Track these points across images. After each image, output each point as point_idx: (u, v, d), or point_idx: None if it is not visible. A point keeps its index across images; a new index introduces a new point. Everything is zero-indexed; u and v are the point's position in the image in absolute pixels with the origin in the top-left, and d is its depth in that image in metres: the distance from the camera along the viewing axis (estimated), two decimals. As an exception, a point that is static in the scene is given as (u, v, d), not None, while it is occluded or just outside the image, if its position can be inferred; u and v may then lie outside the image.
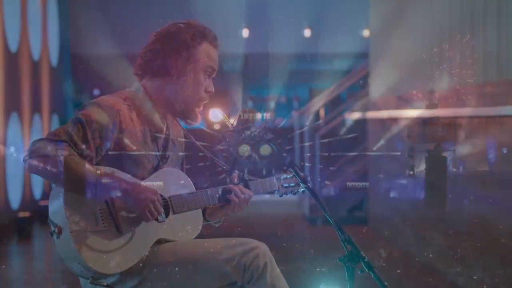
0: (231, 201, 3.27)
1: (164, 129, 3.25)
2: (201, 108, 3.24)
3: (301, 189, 3.39)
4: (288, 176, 3.46)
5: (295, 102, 14.49)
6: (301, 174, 3.03)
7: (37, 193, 11.40)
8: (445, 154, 5.83)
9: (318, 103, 11.50)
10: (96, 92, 13.65)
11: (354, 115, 10.41)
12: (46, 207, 3.09)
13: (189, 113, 3.22)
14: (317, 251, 6.91)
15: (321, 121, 11.06)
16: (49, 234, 3.03)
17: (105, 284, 3.04)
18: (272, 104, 14.17)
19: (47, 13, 12.32)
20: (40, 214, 10.25)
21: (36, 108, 11.43)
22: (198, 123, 3.25)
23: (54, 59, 12.78)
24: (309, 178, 3.02)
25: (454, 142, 6.11)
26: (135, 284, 3.08)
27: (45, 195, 11.53)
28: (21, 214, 9.55)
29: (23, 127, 10.65)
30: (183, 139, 3.34)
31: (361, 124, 9.99)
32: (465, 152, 6.18)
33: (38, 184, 11.42)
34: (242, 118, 3.06)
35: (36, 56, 11.52)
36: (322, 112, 11.51)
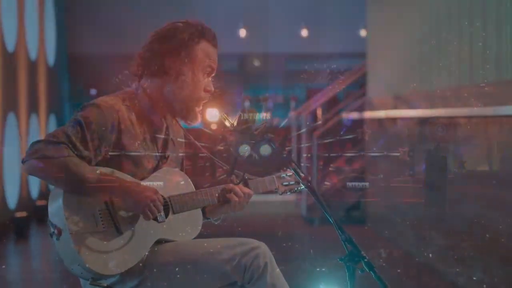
0: (231, 200, 3.27)
1: (164, 129, 3.24)
2: (201, 107, 3.23)
3: (301, 188, 3.39)
4: (287, 175, 3.46)
5: (292, 102, 14.48)
6: (301, 173, 3.03)
7: (34, 192, 11.40)
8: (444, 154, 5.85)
9: (315, 103, 11.50)
10: (93, 92, 13.65)
11: (352, 115, 10.42)
12: (43, 207, 3.09)
13: (188, 113, 3.21)
14: (315, 251, 6.91)
15: (319, 121, 11.07)
16: (46, 234, 3.02)
17: (105, 284, 3.03)
18: (269, 104, 14.17)
19: (44, 13, 12.32)
20: (37, 214, 10.27)
21: (33, 108, 11.42)
22: (198, 123, 3.25)
23: (51, 58, 12.78)
24: (309, 178, 3.01)
25: (454, 142, 6.12)
26: (135, 285, 3.07)
27: (42, 195, 11.55)
28: (18, 214, 9.54)
29: (20, 128, 10.64)
30: (183, 139, 3.33)
31: (358, 124, 9.99)
32: (465, 152, 6.19)
33: (35, 184, 11.42)
34: (242, 118, 3.05)
35: (33, 55, 11.51)
36: (319, 112, 11.53)
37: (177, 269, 3.07)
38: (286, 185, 3.46)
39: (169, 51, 3.15)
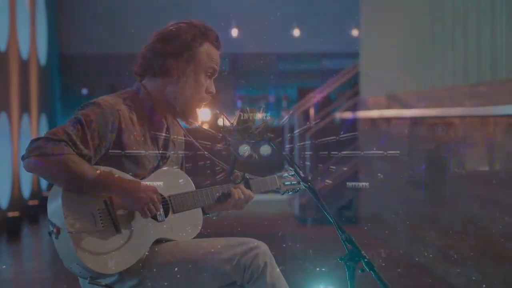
0: (230, 201, 3.26)
1: (164, 129, 3.24)
2: (202, 108, 3.23)
3: (303, 188, 3.38)
4: (289, 175, 3.45)
5: (284, 101, 14.49)
6: (301, 173, 3.02)
7: (26, 192, 11.38)
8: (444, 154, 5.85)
9: (308, 103, 11.51)
10: (84, 91, 13.63)
11: (345, 115, 10.43)
12: (35, 207, 3.08)
13: (189, 114, 3.21)
14: (309, 251, 6.91)
15: (316, 121, 11.07)
16: (38, 233, 3.02)
17: (103, 284, 3.02)
18: (262, 104, 14.17)
19: (35, 12, 12.30)
20: (29, 214, 10.25)
21: (24, 107, 11.40)
22: (198, 124, 3.24)
23: (42, 58, 12.76)
24: (309, 177, 3.02)
25: (454, 142, 6.13)
26: (135, 284, 3.07)
27: (34, 195, 11.53)
28: (10, 214, 9.52)
29: (11, 127, 10.62)
30: (183, 139, 3.33)
31: (352, 123, 10.00)
32: (464, 152, 6.20)
33: (26, 184, 11.40)
34: (242, 117, 3.05)
35: (24, 55, 11.50)
36: (312, 112, 11.53)
37: (176, 268, 3.07)
38: (287, 185, 3.45)
39: (171, 51, 3.15)
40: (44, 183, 12.54)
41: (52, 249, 3.02)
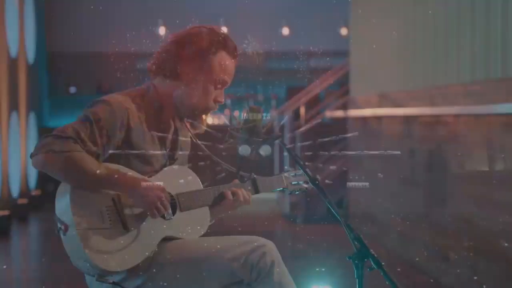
0: (233, 200, 3.26)
1: (172, 130, 3.24)
2: (208, 116, 3.23)
3: (310, 187, 3.38)
4: (296, 174, 3.45)
5: (273, 100, 14.50)
6: (309, 172, 3.02)
7: (15, 191, 11.35)
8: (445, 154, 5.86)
9: (298, 102, 11.52)
10: (72, 89, 13.59)
11: (335, 114, 10.45)
12: (24, 206, 3.07)
13: (194, 120, 3.21)
14: (303, 249, 6.92)
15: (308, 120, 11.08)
16: (28, 232, 3.03)
17: (111, 281, 3.03)
18: (251, 103, 14.16)
19: (23, 10, 12.28)
20: (18, 213, 10.23)
21: (13, 106, 11.38)
22: (202, 131, 3.25)
23: (30, 56, 12.73)
24: (318, 176, 3.01)
25: (453, 142, 6.15)
26: (142, 282, 3.08)
27: (23, 194, 11.51)
28: (0, 213, 9.49)
29: (1, 126, 10.60)
30: (190, 140, 3.33)
31: (342, 122, 10.02)
32: (459, 151, 6.22)
33: (15, 183, 11.38)
34: (248, 116, 3.05)
35: (13, 53, 11.47)
36: (302, 111, 11.54)
37: (184, 266, 3.08)
38: (294, 185, 3.46)
39: (184, 56, 3.13)
40: (32, 182, 12.54)
41: (43, 248, 3.03)
